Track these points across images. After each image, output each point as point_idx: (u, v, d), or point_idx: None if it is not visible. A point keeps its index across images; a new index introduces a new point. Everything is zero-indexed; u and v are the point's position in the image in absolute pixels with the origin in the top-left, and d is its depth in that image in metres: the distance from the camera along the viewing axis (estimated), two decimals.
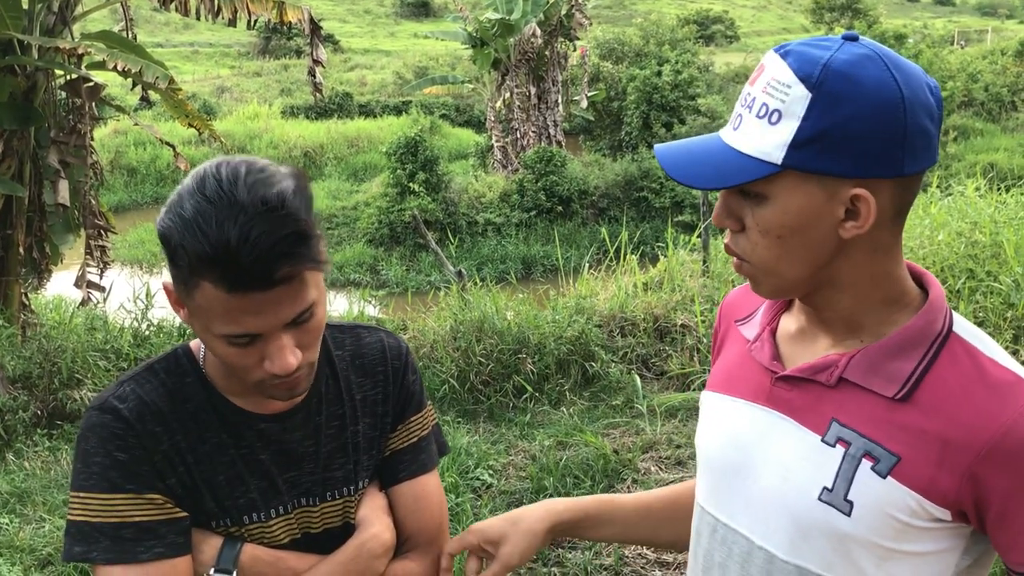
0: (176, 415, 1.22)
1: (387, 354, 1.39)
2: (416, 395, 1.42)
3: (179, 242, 1.06)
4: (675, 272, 6.96)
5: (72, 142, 6.88)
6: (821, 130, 0.99)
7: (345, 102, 30.93)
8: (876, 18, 38.43)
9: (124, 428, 1.18)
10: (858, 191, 1.01)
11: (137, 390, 1.22)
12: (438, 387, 5.70)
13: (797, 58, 1.01)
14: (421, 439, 1.41)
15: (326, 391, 1.32)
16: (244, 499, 1.24)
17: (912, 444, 1.04)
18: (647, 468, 4.50)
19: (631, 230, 9.68)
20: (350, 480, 1.33)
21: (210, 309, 1.09)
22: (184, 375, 1.25)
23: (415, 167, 16.82)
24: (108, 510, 1.16)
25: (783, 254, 1.06)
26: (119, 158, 22.05)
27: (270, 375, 1.14)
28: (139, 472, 1.18)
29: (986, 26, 55.57)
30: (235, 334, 1.10)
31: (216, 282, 1.06)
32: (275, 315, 1.10)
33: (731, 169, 1.04)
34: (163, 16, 56.02)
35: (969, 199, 7.03)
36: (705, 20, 50.40)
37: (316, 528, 1.31)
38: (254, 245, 1.04)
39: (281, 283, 1.07)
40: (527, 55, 18.70)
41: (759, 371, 1.20)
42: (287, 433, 1.28)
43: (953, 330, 1.10)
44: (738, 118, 1.07)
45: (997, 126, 23.66)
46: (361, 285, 14.74)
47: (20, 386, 5.78)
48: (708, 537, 1.24)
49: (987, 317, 5.21)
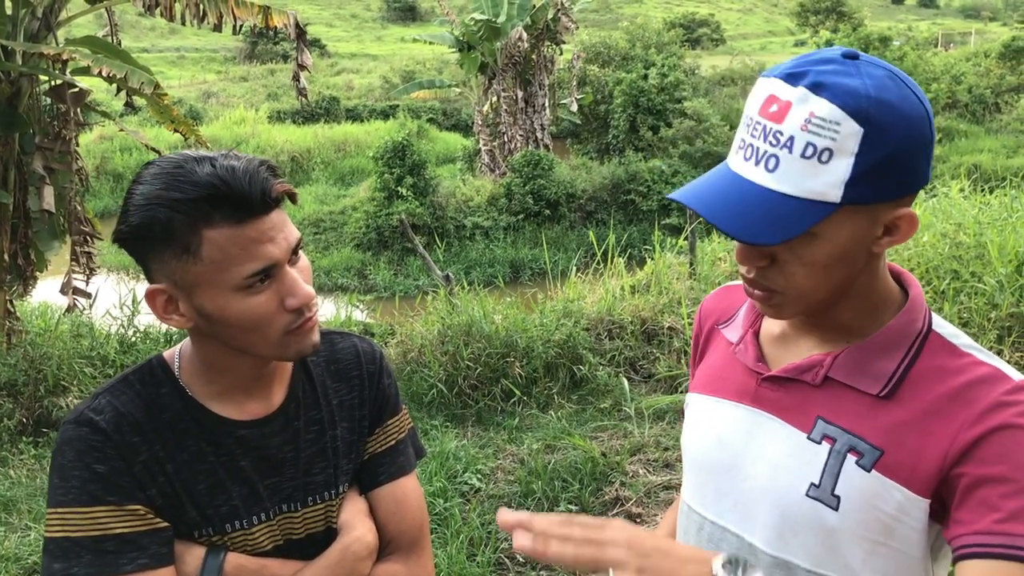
0: (153, 425, 1.21)
1: (361, 359, 1.40)
2: (392, 399, 1.43)
3: (169, 212, 1.09)
4: (662, 275, 6.98)
5: (57, 148, 6.83)
6: (876, 162, 0.99)
7: (332, 106, 30.89)
8: (861, 21, 38.69)
9: (102, 440, 1.17)
10: (904, 211, 1.04)
11: (113, 401, 1.20)
12: (426, 391, 5.70)
13: (835, 92, 0.99)
14: (399, 442, 1.41)
15: (303, 396, 1.33)
16: (226, 507, 1.23)
17: (895, 437, 1.07)
18: (635, 471, 4.51)
19: (618, 233, 9.70)
20: (331, 484, 1.33)
21: (224, 257, 1.11)
22: (159, 385, 1.24)
23: (402, 171, 16.81)
24: (89, 523, 1.14)
25: (821, 281, 1.07)
26: (105, 164, 21.95)
27: (294, 313, 1.17)
28: (119, 483, 1.16)
29: (970, 28, 55.95)
30: (255, 271, 1.12)
31: (222, 222, 1.09)
32: (283, 239, 1.14)
33: (790, 216, 1.01)
34: (148, 21, 55.87)
35: (953, 200, 7.08)
36: (691, 23, 50.57)
37: (299, 534, 1.30)
38: (243, 171, 1.11)
39: (277, 204, 1.14)
40: (514, 59, 18.71)
41: (744, 372, 1.23)
42: (266, 439, 1.27)
43: (932, 328, 1.13)
44: (771, 159, 1.02)
45: (981, 128, 23.82)
46: (349, 290, 14.71)
47: (5, 394, 5.74)
48: (695, 535, 1.27)
49: (971, 318, 5.24)
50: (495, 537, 3.88)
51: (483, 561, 3.66)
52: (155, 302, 1.18)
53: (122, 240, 1.15)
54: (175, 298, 1.16)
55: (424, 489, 4.20)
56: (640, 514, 4.08)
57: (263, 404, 1.28)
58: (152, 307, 1.19)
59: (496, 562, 3.75)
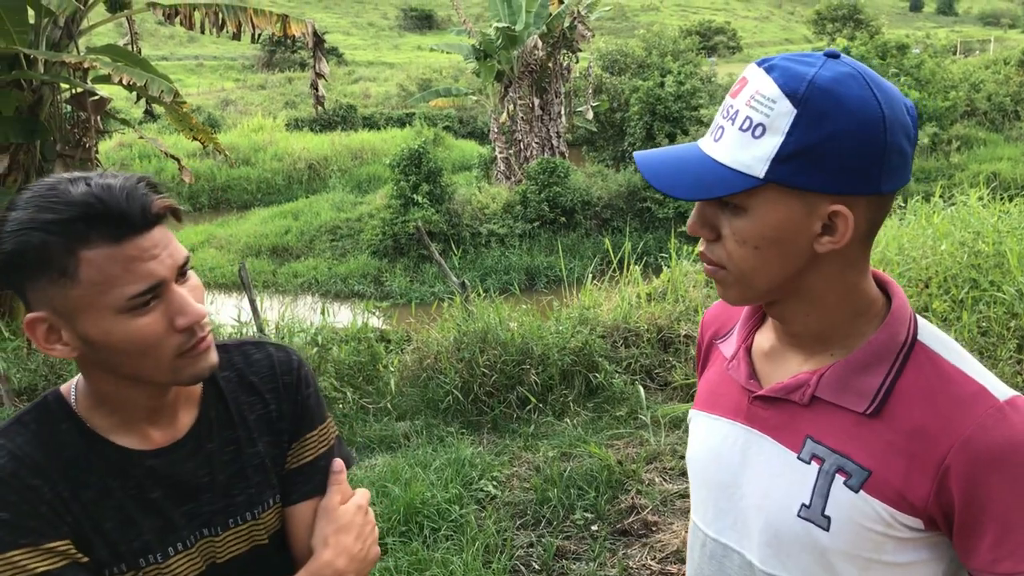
0: (54, 465, 1.13)
1: (277, 369, 1.33)
2: (311, 410, 1.35)
3: (42, 234, 1.04)
4: (678, 283, 6.96)
5: (78, 155, 6.92)
6: (805, 146, 1.00)
7: (349, 114, 31.03)
8: (878, 28, 38.50)
9: (1, 488, 1.09)
10: (837, 207, 1.03)
11: (7, 445, 1.13)
12: (442, 398, 5.71)
13: (782, 73, 1.02)
14: (318, 458, 1.34)
15: (216, 416, 1.27)
16: (137, 541, 1.17)
17: (882, 458, 1.06)
18: (651, 479, 4.50)
19: (634, 241, 9.70)
20: (253, 503, 1.27)
21: (104, 278, 1.06)
22: (57, 422, 1.17)
23: (419, 179, 16.85)
24: (8, 568, 1.07)
25: (758, 264, 1.07)
26: (124, 170, 22.04)
27: (185, 334, 1.12)
28: (28, 526, 1.09)
29: (989, 36, 55.61)
30: (139, 291, 1.07)
31: (99, 241, 1.05)
32: (169, 256, 1.10)
33: (712, 181, 1.05)
34: (168, 30, 56.35)
35: (972, 209, 7.03)
36: (707, 31, 50.49)
37: (222, 558, 1.25)
38: (120, 188, 1.07)
39: (158, 221, 1.10)
40: (530, 67, 18.75)
41: (738, 390, 1.23)
42: (176, 466, 1.21)
43: (918, 339, 1.11)
44: (719, 130, 1.07)
45: (1000, 136, 23.62)
46: (365, 296, 14.76)
47: (25, 398, 5.80)
48: (699, 551, 1.28)
49: (990, 327, 5.20)
50: (510, 544, 3.88)
51: (498, 568, 3.66)
52: (35, 332, 1.11)
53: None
54: (56, 327, 1.10)
55: (439, 495, 4.20)
56: (656, 522, 4.07)
57: (170, 430, 1.22)
58: (32, 337, 1.12)
59: (511, 569, 3.75)
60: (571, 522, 4.13)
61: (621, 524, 4.09)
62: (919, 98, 20.84)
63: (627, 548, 3.90)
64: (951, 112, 21.75)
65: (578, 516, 4.14)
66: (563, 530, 4.08)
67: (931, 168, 19.19)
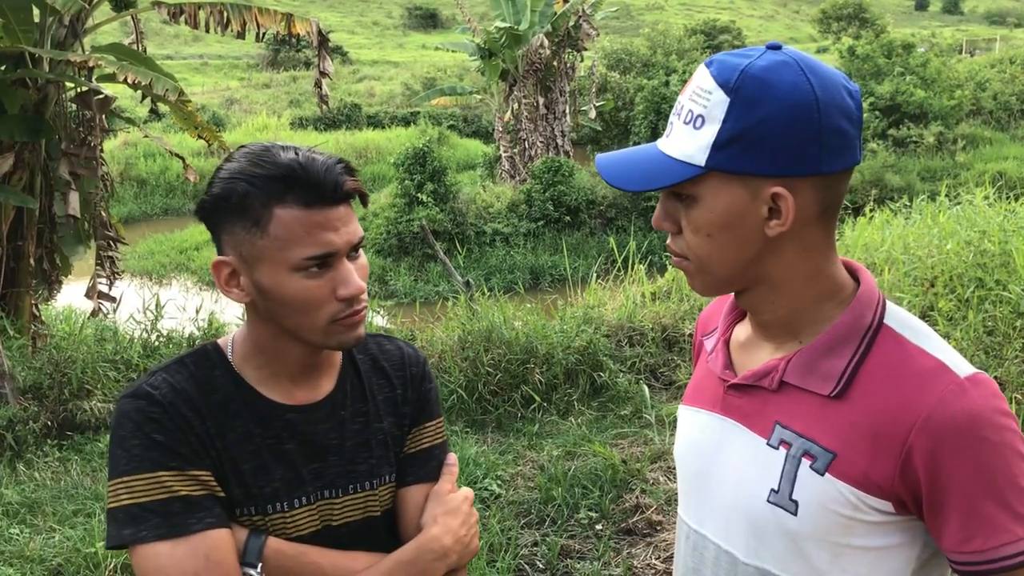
0: (206, 403, 1.25)
1: (406, 360, 1.45)
2: (431, 403, 1.46)
3: (247, 184, 1.18)
4: (683, 282, 6.95)
5: (83, 154, 6.91)
6: (739, 131, 1.04)
7: (354, 113, 31.03)
8: (883, 27, 38.43)
9: (159, 411, 1.21)
10: (777, 189, 1.06)
11: (169, 379, 1.25)
12: (446, 397, 5.70)
13: (719, 67, 1.07)
14: (433, 447, 1.43)
15: (351, 388, 1.37)
16: (269, 488, 1.27)
17: (846, 440, 1.07)
18: (656, 478, 4.49)
19: (639, 240, 9.68)
20: (373, 474, 1.36)
21: (288, 236, 1.18)
22: (213, 368, 1.29)
23: (423, 178, 16.85)
24: (155, 487, 1.18)
25: (713, 251, 1.11)
26: (129, 170, 22.13)
27: (343, 304, 1.22)
28: (179, 451, 1.20)
29: (995, 35, 55.44)
30: (314, 255, 1.18)
31: (293, 203, 1.17)
32: (346, 232, 1.21)
33: (658, 172, 1.10)
34: (173, 29, 56.43)
35: (978, 208, 7.01)
36: (712, 30, 50.37)
37: (336, 521, 1.32)
38: (322, 162, 1.20)
39: (347, 198, 1.22)
40: (535, 66, 18.73)
41: (715, 381, 1.26)
42: (312, 425, 1.31)
43: (884, 322, 1.12)
44: (670, 126, 1.13)
45: (1006, 135, 23.54)
46: (370, 295, 14.73)
47: (31, 397, 5.80)
48: (683, 543, 1.30)
49: (996, 326, 5.18)
50: (515, 543, 3.88)
51: (503, 567, 3.66)
52: (220, 273, 1.24)
53: (202, 209, 1.23)
54: (238, 272, 1.23)
55: None
56: (660, 522, 4.07)
57: (311, 391, 1.32)
58: (216, 278, 1.25)
59: (516, 568, 3.75)
60: (575, 521, 4.13)
61: (625, 523, 4.09)
62: (925, 97, 20.80)
63: (631, 547, 3.90)
64: (957, 111, 21.71)
65: (582, 515, 4.14)
66: (567, 529, 4.08)
67: (937, 167, 19.15)
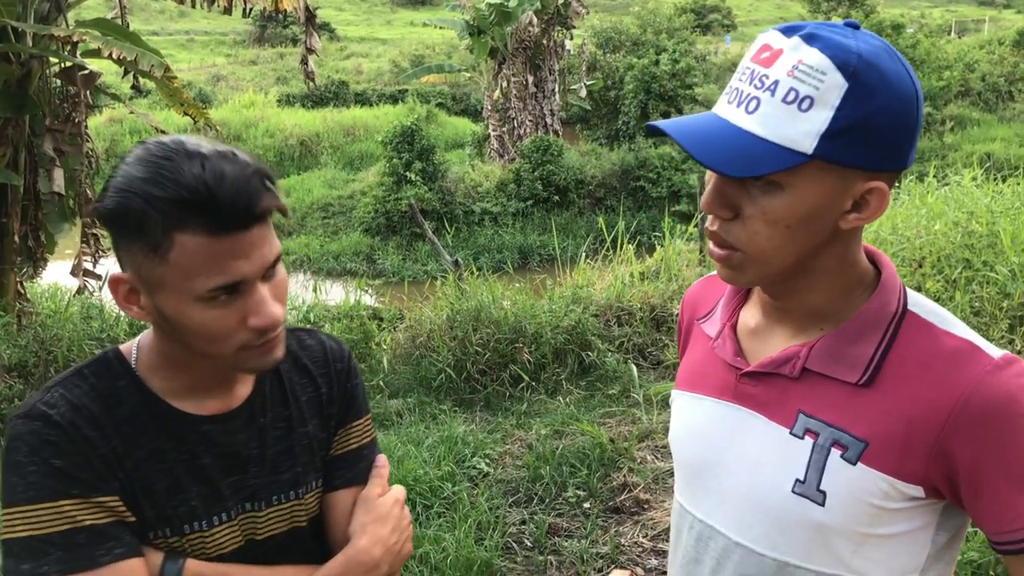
0: (110, 419, 1.13)
1: (329, 356, 1.35)
2: (358, 400, 1.36)
3: (145, 204, 1.02)
4: (671, 262, 6.96)
5: (67, 130, 6.84)
6: (854, 121, 0.97)
7: (341, 91, 30.87)
8: (873, 7, 38.30)
9: (57, 433, 1.09)
10: (875, 184, 1.01)
11: (66, 395, 1.12)
12: (435, 376, 5.71)
13: (828, 45, 0.98)
14: (362, 447, 1.35)
15: (270, 392, 1.27)
16: (185, 507, 1.16)
17: (879, 427, 1.04)
18: (643, 457, 4.51)
19: (628, 220, 9.68)
20: (298, 483, 1.27)
21: (191, 265, 1.04)
22: (116, 378, 1.17)
23: (411, 156, 16.79)
24: (56, 517, 1.06)
25: (783, 244, 1.03)
26: (114, 147, 21.97)
27: (255, 333, 1.10)
28: (81, 477, 1.09)
29: (984, 16, 55.47)
30: (222, 285, 1.05)
31: (197, 229, 1.02)
32: (259, 257, 1.07)
33: (757, 156, 0.99)
34: (158, 4, 55.81)
35: (966, 189, 7.03)
36: (702, 9, 50.22)
37: (261, 534, 1.24)
38: (232, 182, 1.03)
39: (259, 221, 1.06)
40: (524, 44, 18.65)
41: (724, 368, 1.21)
42: (230, 435, 1.21)
43: (908, 308, 1.10)
44: (753, 100, 1.01)
45: (994, 116, 23.64)
46: (357, 274, 14.72)
47: (16, 375, 5.77)
48: (687, 533, 1.26)
49: (983, 307, 5.22)
50: (503, 521, 3.89)
51: (491, 545, 3.67)
52: (117, 290, 1.12)
53: (98, 216, 1.10)
54: (137, 291, 1.11)
55: (432, 473, 4.21)
56: (648, 500, 4.09)
57: (226, 399, 1.22)
58: (113, 294, 1.13)
59: (504, 546, 3.76)
60: (563, 499, 4.14)
61: (613, 502, 4.10)
62: None
63: (619, 525, 3.92)
64: (945, 92, 21.74)
65: (570, 494, 4.15)
66: (555, 507, 4.09)
67: (925, 148, 19.21)
